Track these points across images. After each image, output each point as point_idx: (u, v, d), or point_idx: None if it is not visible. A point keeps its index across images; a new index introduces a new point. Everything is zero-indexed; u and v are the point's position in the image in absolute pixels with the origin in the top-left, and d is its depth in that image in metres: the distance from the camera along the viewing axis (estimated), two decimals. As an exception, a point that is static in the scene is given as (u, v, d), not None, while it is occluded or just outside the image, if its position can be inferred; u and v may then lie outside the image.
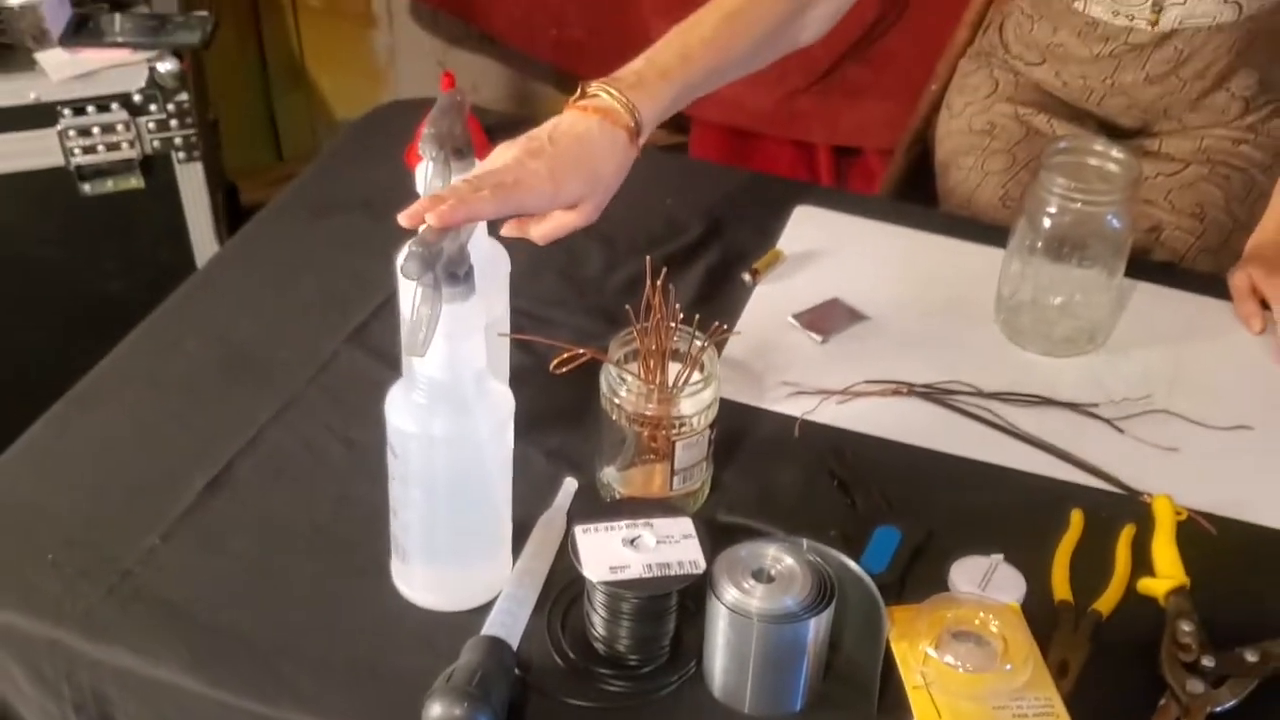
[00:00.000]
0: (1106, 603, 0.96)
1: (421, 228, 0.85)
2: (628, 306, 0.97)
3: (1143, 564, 1.00)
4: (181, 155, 1.67)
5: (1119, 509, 1.05)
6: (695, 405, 0.98)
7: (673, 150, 1.64)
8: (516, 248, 1.29)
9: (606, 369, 0.99)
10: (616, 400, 0.98)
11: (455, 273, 0.81)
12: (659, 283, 0.96)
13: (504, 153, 0.97)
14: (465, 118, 0.95)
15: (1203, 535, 1.03)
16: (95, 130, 1.62)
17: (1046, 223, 1.16)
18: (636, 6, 2.19)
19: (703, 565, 0.87)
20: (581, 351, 0.96)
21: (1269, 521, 1.05)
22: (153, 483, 1.02)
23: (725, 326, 0.99)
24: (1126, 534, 1.01)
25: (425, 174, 0.93)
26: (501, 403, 0.88)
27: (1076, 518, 1.03)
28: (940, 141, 1.63)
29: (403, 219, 0.87)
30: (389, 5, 2.60)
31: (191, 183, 1.69)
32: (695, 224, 1.36)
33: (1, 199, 1.64)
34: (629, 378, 0.97)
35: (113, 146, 1.63)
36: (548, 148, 0.97)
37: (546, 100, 2.74)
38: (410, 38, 2.65)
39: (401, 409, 0.86)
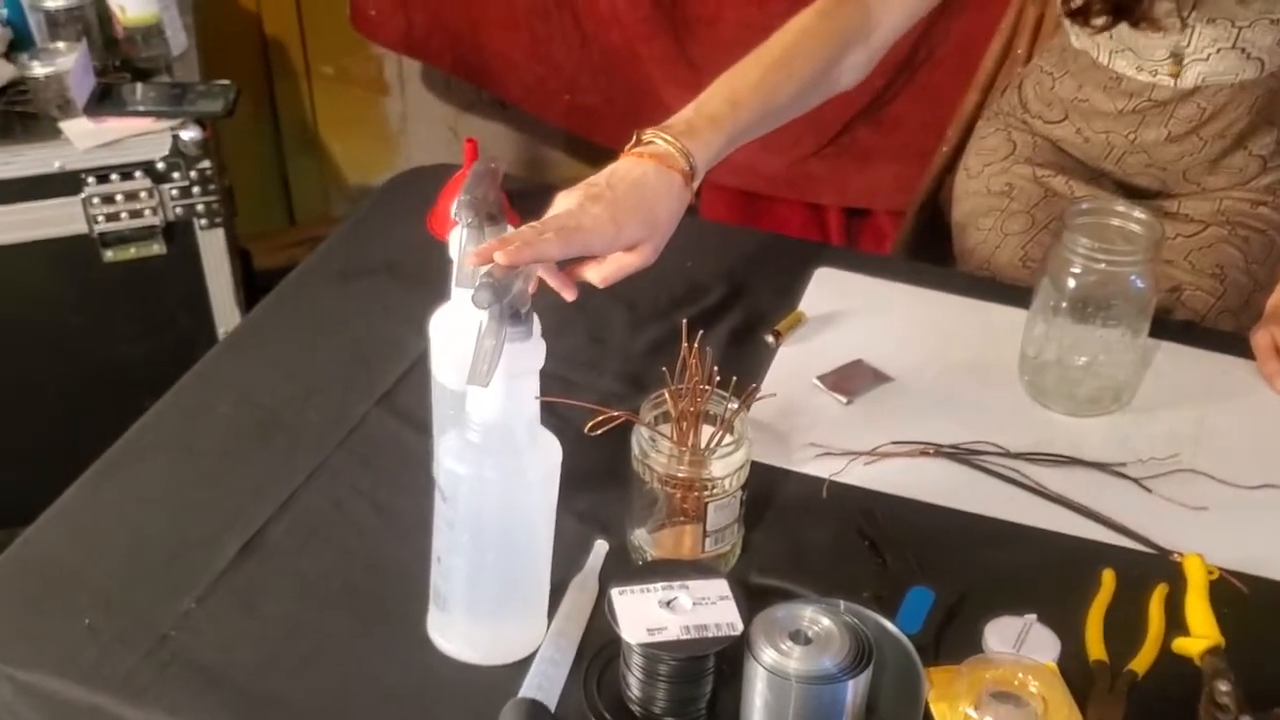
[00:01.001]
0: (1142, 662, 0.96)
1: (488, 266, 0.87)
2: (664, 369, 0.98)
3: (1176, 624, 1.00)
4: (204, 222, 1.69)
5: (1150, 568, 1.05)
6: (727, 467, 0.99)
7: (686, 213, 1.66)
8: (537, 307, 1.31)
9: (638, 431, 0.99)
10: (648, 462, 0.99)
11: (518, 311, 0.83)
12: (695, 344, 0.97)
13: (565, 199, 1.00)
14: (498, 184, 0.96)
15: (1235, 594, 1.03)
16: (119, 198, 1.63)
17: (1071, 283, 1.17)
18: (647, 73, 2.22)
19: (740, 627, 0.87)
20: (616, 414, 0.96)
21: (1300, 580, 1.05)
22: (187, 546, 1.02)
23: (758, 387, 0.99)
24: (1159, 593, 1.01)
25: (460, 240, 0.95)
26: (551, 450, 0.89)
27: (1108, 577, 1.03)
28: (958, 202, 1.65)
29: (471, 258, 0.89)
30: (401, 72, 2.64)
31: (213, 249, 1.71)
32: (716, 286, 1.37)
33: (26, 266, 1.65)
34: (661, 439, 0.98)
35: (136, 214, 1.65)
36: (606, 193, 1.00)
37: (558, 166, 2.77)
38: (422, 104, 2.69)
39: (454, 450, 0.87)
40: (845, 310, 1.34)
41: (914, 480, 1.13)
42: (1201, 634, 0.97)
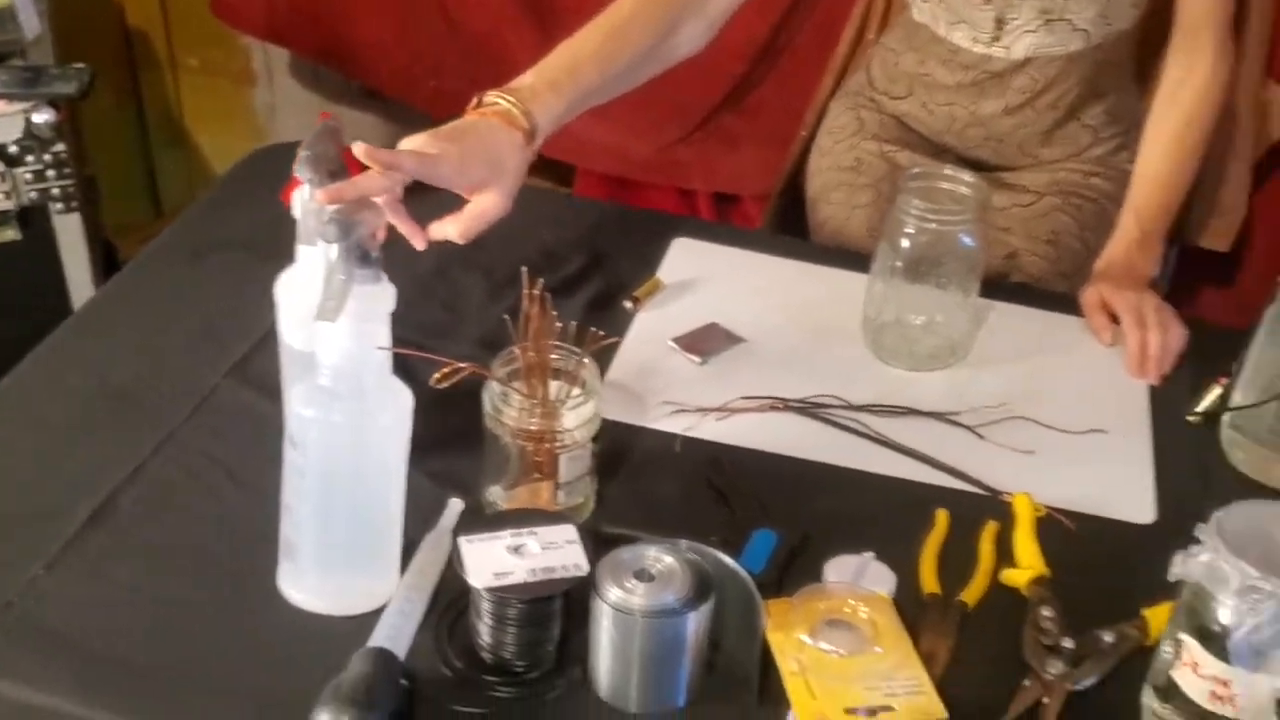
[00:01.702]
0: (972, 593, 1.01)
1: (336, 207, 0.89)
2: (505, 316, 1.00)
3: (1005, 558, 1.05)
4: (59, 206, 1.67)
5: (982, 508, 1.10)
6: (577, 419, 1.01)
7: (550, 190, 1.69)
8: (397, 280, 1.32)
9: (489, 386, 1.01)
10: (500, 417, 1.01)
11: (367, 253, 0.84)
12: (536, 291, 1.00)
13: (411, 139, 1.04)
14: (341, 142, 0.98)
15: (1061, 530, 1.08)
16: (-31, 181, 1.61)
17: (905, 244, 1.22)
18: (514, 60, 2.23)
19: (586, 567, 0.90)
20: (463, 366, 0.98)
21: (1122, 516, 1.12)
22: (36, 516, 1.02)
23: (602, 334, 1.02)
24: (990, 530, 1.07)
25: (303, 198, 0.96)
26: (401, 398, 0.91)
27: (942, 517, 1.08)
28: (811, 178, 1.70)
29: (320, 194, 0.92)
30: (268, 63, 2.62)
31: (69, 234, 1.69)
32: (576, 257, 1.40)
33: None
34: (511, 394, 1.00)
35: (-12, 197, 1.63)
36: (453, 135, 1.06)
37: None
38: (290, 94, 2.66)
39: (303, 396, 0.88)
40: (701, 278, 1.38)
41: (762, 433, 1.17)
42: (1028, 566, 1.03)
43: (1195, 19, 1.44)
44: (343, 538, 0.92)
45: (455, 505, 1.06)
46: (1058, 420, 1.21)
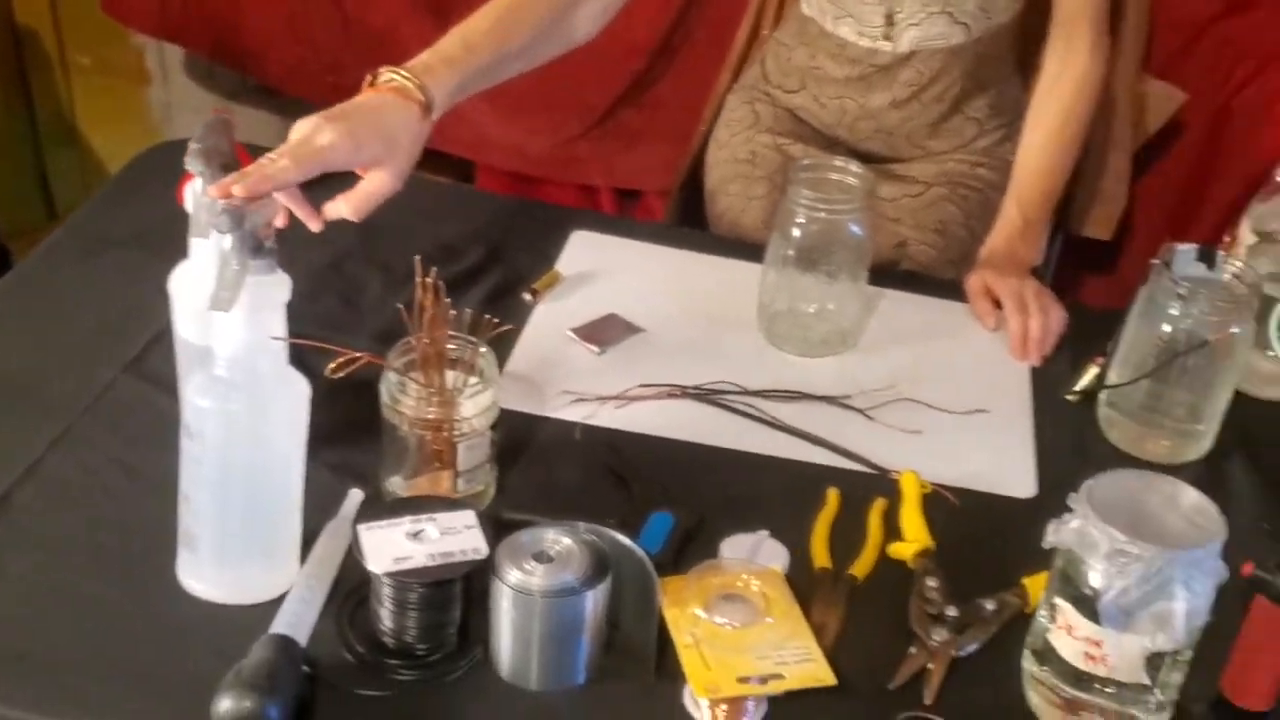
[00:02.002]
0: (861, 567, 1.04)
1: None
2: (400, 306, 1.02)
3: (893, 533, 1.09)
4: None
5: (871, 486, 1.14)
6: (475, 407, 1.03)
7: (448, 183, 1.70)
8: (293, 274, 1.32)
9: (386, 377, 1.03)
10: (398, 407, 1.02)
11: (261, 244, 0.85)
12: (430, 280, 1.01)
13: (303, 125, 1.04)
14: (232, 136, 0.98)
15: (947, 506, 1.13)
16: None
17: (796, 233, 1.25)
18: (411, 55, 2.24)
19: (485, 551, 0.92)
20: (358, 355, 0.99)
21: (1004, 491, 1.16)
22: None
23: (497, 321, 1.04)
24: (878, 507, 1.10)
25: (194, 191, 0.96)
26: (299, 388, 0.92)
27: (833, 495, 1.11)
28: (709, 171, 1.73)
29: (212, 190, 0.91)
30: (163, 61, 2.58)
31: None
32: (474, 249, 1.41)
33: None
34: (409, 383, 1.02)
35: None
36: (346, 113, 1.06)
37: (330, 153, 2.76)
38: (186, 93, 2.63)
39: (200, 386, 0.88)
40: (600, 270, 1.40)
41: (660, 420, 1.19)
42: (913, 539, 1.07)
43: (1071, 13, 1.49)
44: (241, 527, 0.93)
45: (355, 495, 1.06)
46: (944, 401, 1.26)
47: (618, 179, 2.44)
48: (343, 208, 1.08)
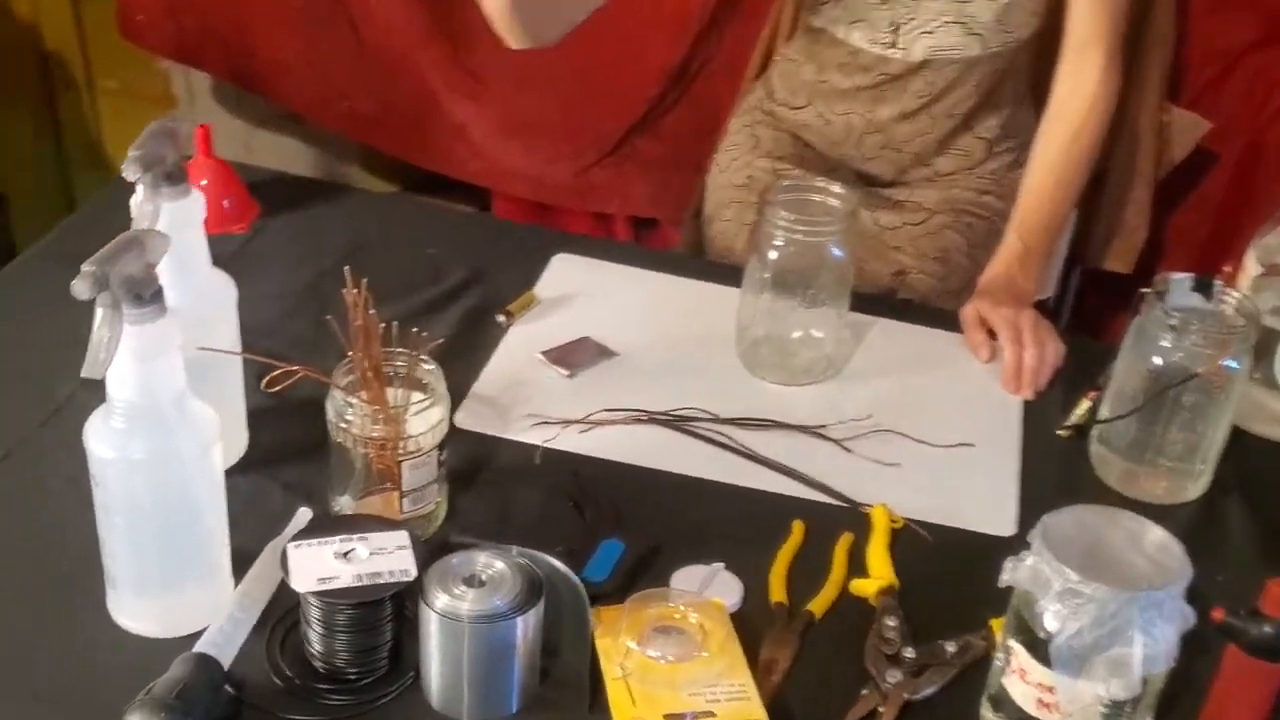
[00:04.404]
0: (820, 604, 1.00)
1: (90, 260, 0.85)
2: (329, 317, 0.99)
3: (859, 569, 1.04)
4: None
5: (840, 520, 1.09)
6: (423, 424, 1.00)
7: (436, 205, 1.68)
8: (268, 289, 1.30)
9: (332, 395, 1.00)
10: (343, 425, 1.00)
11: (140, 294, 0.82)
12: (357, 291, 0.99)
13: None
14: (179, 144, 0.96)
15: (919, 541, 1.08)
16: None
17: (773, 255, 1.22)
18: (426, 80, 2.24)
19: (413, 573, 0.89)
20: (294, 369, 0.97)
21: (980, 528, 1.11)
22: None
23: (425, 334, 1.02)
24: (844, 541, 1.06)
25: (135, 202, 0.95)
26: (206, 424, 0.89)
27: (797, 528, 1.07)
28: (708, 196, 1.71)
29: None
30: (190, 85, 2.60)
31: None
32: (457, 271, 1.39)
33: None
34: (355, 401, 0.99)
35: None
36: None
37: (355, 180, 2.76)
38: (213, 118, 2.64)
39: (100, 435, 0.86)
40: (578, 293, 1.37)
41: (625, 445, 1.16)
42: (878, 576, 1.02)
43: (1084, 37, 1.45)
44: (159, 569, 0.90)
45: (303, 515, 1.04)
46: (928, 434, 1.21)
47: (632, 207, 2.41)
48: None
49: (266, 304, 1.27)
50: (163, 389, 0.85)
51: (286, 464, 1.09)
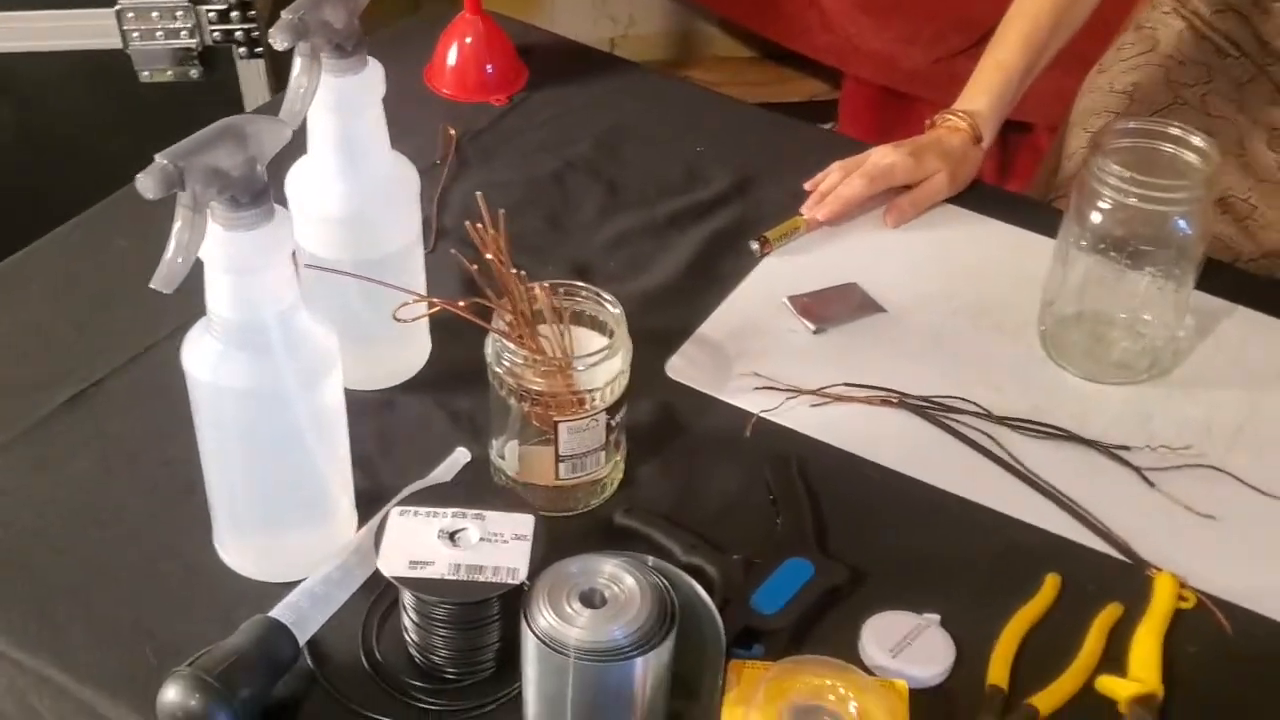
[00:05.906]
0: (1050, 698, 0.76)
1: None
2: (453, 251, 0.82)
3: (1116, 658, 0.79)
4: (242, 51, 1.60)
5: (1111, 580, 0.84)
6: (601, 376, 0.83)
7: (765, 106, 1.45)
8: (501, 175, 1.15)
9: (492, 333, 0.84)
10: (498, 369, 0.84)
11: (237, 197, 0.68)
12: (483, 225, 0.81)
13: (877, 152, 1.15)
14: (354, 6, 0.81)
15: (1211, 632, 0.81)
16: (154, 15, 1.56)
17: (1096, 218, 0.94)
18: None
19: (522, 576, 0.73)
20: (434, 301, 0.81)
21: (1311, 626, 0.83)
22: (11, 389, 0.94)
23: (524, 274, 0.83)
24: (1107, 614, 0.81)
25: (294, 72, 0.80)
26: (319, 349, 0.75)
27: (1051, 584, 0.83)
28: (1079, 98, 1.39)
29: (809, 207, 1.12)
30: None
31: (252, 82, 1.62)
32: (721, 177, 1.19)
33: (59, 78, 1.60)
34: (512, 345, 0.83)
35: (172, 34, 1.57)
36: (913, 142, 1.17)
37: (711, 42, 2.59)
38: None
39: (196, 352, 0.74)
40: (855, 223, 1.14)
41: (860, 432, 0.94)
42: (1137, 676, 0.77)
43: None
44: (254, 507, 0.79)
45: (460, 457, 0.90)
46: (1261, 477, 0.91)
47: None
48: (904, 203, 1.14)
49: (493, 194, 1.12)
50: (267, 305, 0.72)
51: (461, 389, 0.94)
